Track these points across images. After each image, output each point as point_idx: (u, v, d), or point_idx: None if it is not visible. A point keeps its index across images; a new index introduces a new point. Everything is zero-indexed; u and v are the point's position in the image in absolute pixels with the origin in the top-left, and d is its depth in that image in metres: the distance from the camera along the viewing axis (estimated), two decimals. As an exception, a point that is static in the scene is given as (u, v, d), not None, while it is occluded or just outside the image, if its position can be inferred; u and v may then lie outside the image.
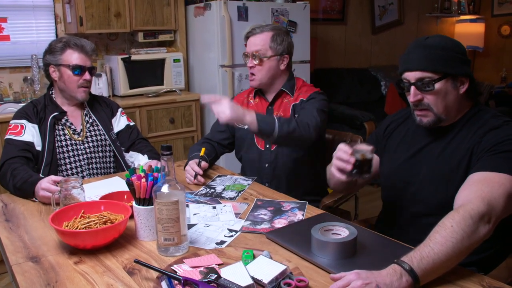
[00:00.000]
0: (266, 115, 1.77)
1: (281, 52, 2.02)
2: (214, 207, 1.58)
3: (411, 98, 1.38)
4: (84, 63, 2.01)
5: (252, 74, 2.03)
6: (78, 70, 1.99)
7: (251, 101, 2.14)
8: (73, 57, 1.99)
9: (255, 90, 2.13)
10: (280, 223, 1.49)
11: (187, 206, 1.61)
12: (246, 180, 1.91)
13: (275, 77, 2.06)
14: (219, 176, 1.98)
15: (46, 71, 2.05)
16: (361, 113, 4.08)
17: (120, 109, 2.22)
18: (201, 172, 1.87)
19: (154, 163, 1.90)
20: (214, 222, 1.49)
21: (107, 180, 1.93)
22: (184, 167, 1.99)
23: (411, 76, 1.36)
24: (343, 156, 1.35)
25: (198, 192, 1.78)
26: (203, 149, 1.99)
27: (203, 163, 1.92)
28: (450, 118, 1.41)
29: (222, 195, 1.74)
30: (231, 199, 1.70)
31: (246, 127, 2.04)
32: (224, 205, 1.58)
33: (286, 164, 2.05)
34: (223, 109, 1.63)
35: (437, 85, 1.34)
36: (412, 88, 1.36)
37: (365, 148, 1.36)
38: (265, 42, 1.99)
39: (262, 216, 1.56)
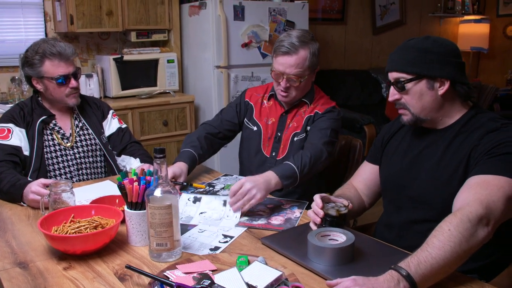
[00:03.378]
0: (282, 165, 1.73)
1: (315, 66, 1.98)
2: (225, 203, 1.59)
3: (389, 97, 1.47)
4: (66, 71, 1.95)
5: (285, 91, 1.95)
6: (62, 79, 1.95)
7: (265, 102, 2.11)
8: (53, 68, 1.93)
9: (272, 93, 2.08)
10: (276, 219, 1.56)
11: (198, 200, 1.65)
12: None
13: (306, 91, 2.03)
14: (225, 175, 2.00)
15: (28, 82, 2.01)
16: (361, 116, 4.09)
17: (111, 111, 2.21)
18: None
19: (146, 166, 1.89)
20: (212, 226, 1.50)
21: (98, 184, 1.93)
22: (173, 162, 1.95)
23: (390, 76, 1.44)
24: (314, 208, 1.41)
25: (197, 190, 1.80)
26: (202, 186, 1.88)
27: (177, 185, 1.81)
28: (435, 119, 1.44)
29: (218, 193, 1.75)
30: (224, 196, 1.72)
31: (255, 129, 2.08)
32: (221, 218, 1.57)
33: None
34: (251, 194, 1.57)
35: (409, 85, 1.40)
36: (391, 88, 1.45)
37: (341, 203, 1.41)
38: (303, 63, 1.90)
39: (260, 212, 1.62)
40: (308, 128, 1.99)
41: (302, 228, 1.46)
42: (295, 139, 2.00)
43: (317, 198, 1.43)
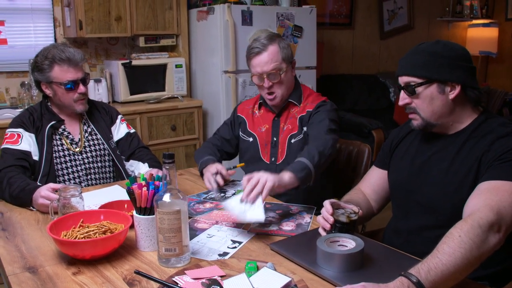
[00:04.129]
0: (293, 163, 1.72)
1: (290, 58, 2.00)
2: (219, 229, 1.54)
3: (399, 101, 1.45)
4: (75, 76, 1.96)
5: (271, 93, 1.98)
6: (71, 85, 1.95)
7: (256, 112, 2.13)
8: (62, 73, 1.94)
9: (260, 101, 2.12)
10: (288, 225, 1.57)
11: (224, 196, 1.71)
12: None
13: (291, 88, 2.04)
14: (232, 181, 2.02)
15: (38, 86, 2.03)
16: (369, 120, 4.08)
17: (120, 116, 2.22)
18: (228, 175, 1.91)
19: (155, 171, 1.89)
20: (221, 232, 1.50)
21: (107, 188, 1.93)
22: (201, 174, 2.01)
23: (401, 80, 1.44)
24: (324, 214, 1.41)
25: (208, 195, 1.84)
26: (242, 164, 2.04)
27: (229, 171, 1.93)
28: (445, 124, 1.44)
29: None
30: None
31: (251, 139, 2.10)
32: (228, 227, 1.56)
33: None
34: (263, 180, 1.54)
35: (420, 89, 1.39)
36: (401, 92, 1.44)
37: (350, 208, 1.41)
38: (277, 56, 1.94)
39: (270, 218, 1.62)
40: (305, 129, 1.99)
41: (311, 234, 1.46)
42: (292, 141, 2.00)
43: (327, 204, 1.42)
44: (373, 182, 1.68)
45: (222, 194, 1.84)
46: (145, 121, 3.38)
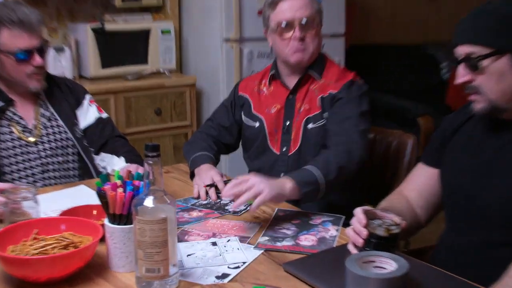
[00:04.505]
0: (299, 170, 1.78)
1: (322, 16, 2.08)
2: (214, 244, 1.56)
3: (456, 79, 1.43)
4: (29, 44, 1.95)
5: (302, 43, 2.01)
6: (24, 55, 1.94)
7: (264, 89, 2.15)
8: (12, 39, 1.93)
9: (271, 75, 2.14)
10: (307, 239, 1.55)
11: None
12: None
13: (316, 53, 2.08)
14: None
15: None
16: (413, 104, 4.07)
17: (88, 96, 2.22)
18: (214, 198, 1.88)
19: (134, 168, 1.89)
20: (217, 262, 1.46)
21: (70, 189, 1.93)
22: (191, 175, 2.04)
23: (459, 51, 1.42)
24: (355, 226, 1.39)
25: (198, 202, 1.85)
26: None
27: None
28: None
29: (226, 208, 1.79)
30: (234, 212, 1.76)
31: (257, 125, 2.10)
32: (228, 239, 1.58)
33: None
34: (259, 188, 1.60)
35: (485, 62, 1.37)
36: (459, 66, 1.42)
37: (391, 219, 1.39)
38: (311, 4, 2.02)
39: (284, 230, 1.62)
40: (325, 114, 2.00)
41: (338, 252, 1.45)
42: (309, 126, 2.02)
43: (359, 212, 1.40)
44: (420, 184, 1.67)
45: (218, 201, 1.85)
46: (121, 103, 3.39)
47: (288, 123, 2.07)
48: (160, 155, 1.24)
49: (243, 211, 1.76)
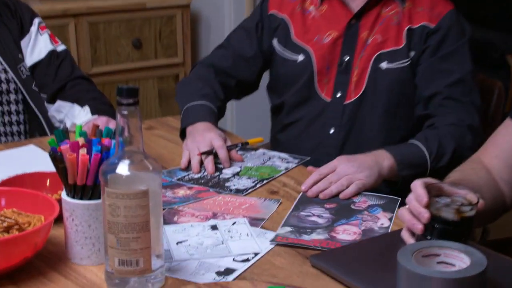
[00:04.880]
0: (404, 145, 1.87)
1: None
2: (215, 227, 1.58)
3: None
4: None
5: None
6: None
7: (312, 9, 2.13)
8: None
9: None
10: (347, 232, 1.55)
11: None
12: (289, 161, 1.96)
13: None
14: (243, 148, 2.05)
15: None
16: (501, 37, 4.02)
17: (37, 20, 2.26)
18: (227, 164, 1.94)
19: (103, 121, 1.92)
20: (218, 253, 1.49)
21: (14, 151, 1.98)
22: (181, 133, 2.07)
23: None
24: (413, 205, 1.39)
25: (189, 174, 1.87)
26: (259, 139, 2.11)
27: (238, 156, 1.99)
28: None
29: (226, 185, 1.80)
30: (237, 191, 1.76)
31: (300, 58, 2.14)
32: (234, 222, 1.59)
33: (372, 131, 2.09)
34: (352, 178, 1.71)
35: None
36: None
37: (463, 197, 1.38)
38: None
39: (314, 218, 1.60)
40: (412, 53, 2.00)
41: (387, 240, 1.48)
42: (383, 66, 2.03)
43: (419, 187, 1.39)
44: (507, 149, 1.67)
45: (216, 174, 1.87)
46: (85, 29, 3.46)
47: (347, 58, 2.07)
48: (139, 102, 1.24)
49: (250, 190, 1.77)
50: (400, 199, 1.69)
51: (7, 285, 1.31)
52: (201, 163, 1.89)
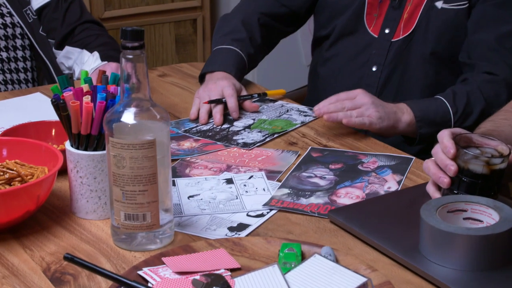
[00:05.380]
0: (427, 100, 1.85)
1: None
2: (230, 181, 1.57)
3: None
4: None
5: None
6: None
7: None
8: None
9: None
10: (349, 195, 1.52)
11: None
12: (308, 114, 1.96)
13: None
14: (261, 99, 2.05)
15: None
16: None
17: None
18: (235, 114, 1.91)
19: (111, 67, 1.92)
20: (232, 208, 1.48)
21: (20, 99, 1.99)
22: (200, 78, 2.03)
23: None
24: (439, 157, 1.37)
25: (197, 126, 1.86)
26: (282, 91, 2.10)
27: (252, 105, 1.97)
28: None
29: (234, 138, 1.79)
30: (244, 145, 1.75)
31: None
32: (251, 175, 1.58)
33: (415, 74, 2.07)
34: (365, 111, 1.72)
35: None
36: None
37: (494, 148, 1.36)
38: None
39: (315, 179, 1.57)
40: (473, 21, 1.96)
41: (410, 194, 1.47)
42: (438, 5, 1.99)
43: (446, 137, 1.37)
44: None
45: (226, 127, 1.86)
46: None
47: None
48: (145, 46, 1.22)
49: (258, 144, 1.76)
50: (414, 158, 1.69)
51: (9, 240, 1.32)
52: (210, 114, 1.86)
